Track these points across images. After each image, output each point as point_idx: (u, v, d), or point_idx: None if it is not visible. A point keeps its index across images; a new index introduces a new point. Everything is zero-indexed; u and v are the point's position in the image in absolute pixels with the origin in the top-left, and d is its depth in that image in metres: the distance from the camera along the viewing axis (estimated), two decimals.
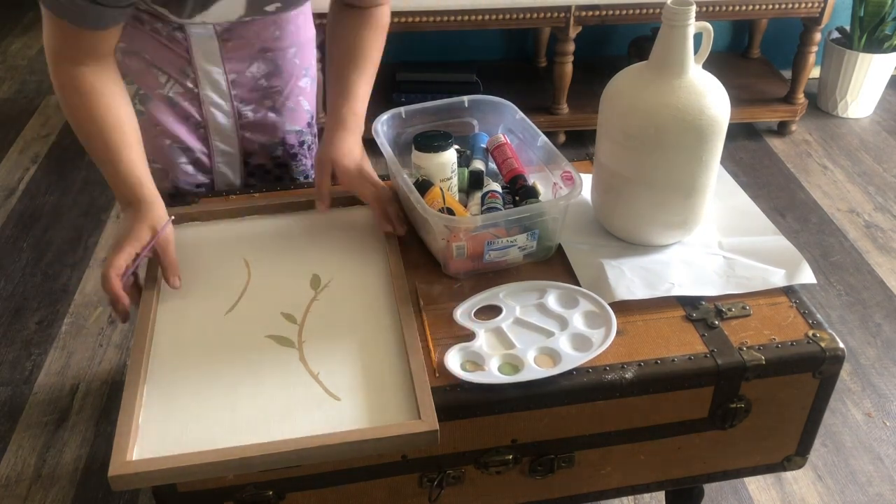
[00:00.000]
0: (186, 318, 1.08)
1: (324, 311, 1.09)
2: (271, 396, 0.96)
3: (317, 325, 1.06)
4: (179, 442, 0.90)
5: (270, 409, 0.94)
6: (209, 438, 0.91)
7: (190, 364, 1.01)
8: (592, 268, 1.15)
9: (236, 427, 0.92)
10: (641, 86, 1.09)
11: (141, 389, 0.96)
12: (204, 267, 1.16)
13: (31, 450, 1.74)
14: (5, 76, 3.39)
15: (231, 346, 1.03)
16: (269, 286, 1.13)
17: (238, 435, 0.91)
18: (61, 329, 2.05)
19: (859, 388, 1.90)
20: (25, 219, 2.49)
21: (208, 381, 0.98)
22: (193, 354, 1.02)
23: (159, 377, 0.99)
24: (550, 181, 1.24)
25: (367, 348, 1.03)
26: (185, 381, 0.98)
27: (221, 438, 0.90)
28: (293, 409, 0.94)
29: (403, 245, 1.22)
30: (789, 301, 1.11)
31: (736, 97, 1.59)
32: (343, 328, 1.06)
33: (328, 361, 1.01)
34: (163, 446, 0.90)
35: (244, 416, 0.93)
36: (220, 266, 1.17)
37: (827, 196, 2.60)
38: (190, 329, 1.06)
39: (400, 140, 1.33)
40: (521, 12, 2.45)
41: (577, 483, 1.11)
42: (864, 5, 2.80)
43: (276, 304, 1.09)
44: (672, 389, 1.02)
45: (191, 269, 1.15)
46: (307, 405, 0.95)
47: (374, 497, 1.05)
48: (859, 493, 1.65)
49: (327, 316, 1.08)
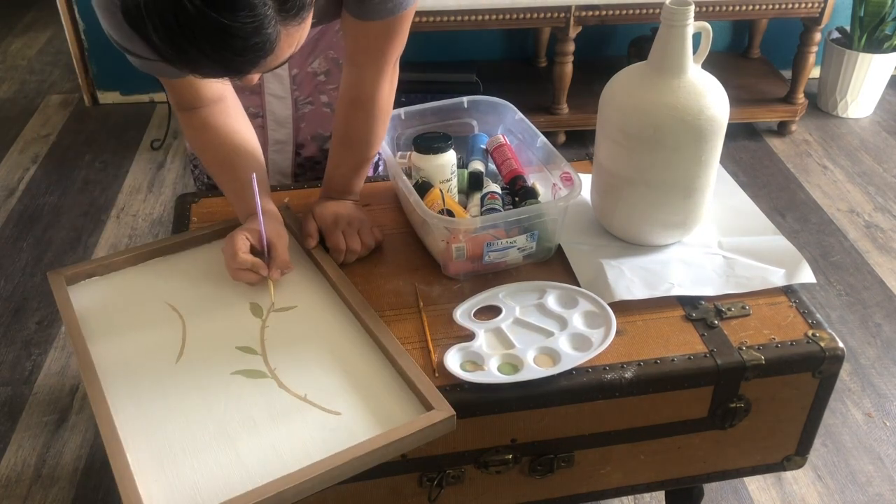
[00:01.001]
0: (137, 377, 1.00)
1: (280, 335, 1.05)
2: (269, 429, 0.93)
3: (280, 350, 1.03)
4: (197, 501, 0.85)
5: (275, 442, 0.91)
6: (226, 488, 0.86)
7: (165, 420, 0.94)
8: (592, 268, 1.15)
9: (248, 470, 0.88)
10: (641, 86, 1.09)
11: (127, 460, 0.88)
12: (127, 320, 1.08)
13: (31, 450, 1.74)
14: (5, 76, 3.39)
15: (200, 392, 0.97)
16: (208, 326, 1.07)
17: (254, 478, 0.86)
18: (61, 329, 2.05)
19: (859, 388, 1.90)
20: (25, 219, 2.49)
21: (194, 433, 0.92)
22: (162, 410, 0.95)
23: (140, 443, 0.91)
24: (550, 182, 1.24)
25: (342, 361, 1.01)
26: (168, 439, 0.92)
27: (239, 485, 0.85)
28: (297, 435, 0.92)
29: (403, 246, 1.22)
30: (789, 301, 1.11)
31: (736, 97, 1.59)
32: (309, 347, 1.03)
33: (310, 382, 0.98)
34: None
35: (251, 457, 0.89)
36: (145, 316, 1.09)
37: (827, 196, 2.60)
38: (145, 387, 0.98)
39: (399, 141, 1.33)
40: (521, 12, 2.45)
41: (577, 483, 1.11)
42: (864, 5, 2.80)
43: (226, 341, 1.04)
44: (672, 389, 1.02)
45: (114, 326, 1.07)
46: (310, 428, 0.93)
47: (374, 497, 1.05)
48: (859, 493, 1.65)
49: (286, 339, 1.04)
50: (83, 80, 3.09)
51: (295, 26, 0.82)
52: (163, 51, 0.77)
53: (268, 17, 0.76)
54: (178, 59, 0.78)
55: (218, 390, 0.98)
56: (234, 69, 0.80)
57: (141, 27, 0.75)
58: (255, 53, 0.78)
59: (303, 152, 1.44)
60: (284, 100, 1.38)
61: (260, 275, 1.08)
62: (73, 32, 2.99)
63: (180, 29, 0.73)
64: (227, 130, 1.16)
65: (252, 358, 1.02)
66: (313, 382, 0.99)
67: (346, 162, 1.22)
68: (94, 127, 3.01)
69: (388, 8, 1.05)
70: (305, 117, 1.41)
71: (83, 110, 3.12)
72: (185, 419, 0.94)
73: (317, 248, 1.17)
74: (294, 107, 1.39)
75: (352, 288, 1.10)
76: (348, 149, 1.21)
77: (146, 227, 2.46)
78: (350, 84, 1.17)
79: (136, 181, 2.68)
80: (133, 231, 2.44)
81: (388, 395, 0.96)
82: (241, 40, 0.76)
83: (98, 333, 1.06)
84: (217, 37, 0.75)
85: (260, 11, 0.75)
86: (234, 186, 1.16)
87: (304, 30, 0.85)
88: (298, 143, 1.43)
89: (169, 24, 0.73)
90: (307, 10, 0.82)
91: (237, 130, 1.17)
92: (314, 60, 1.35)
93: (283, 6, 0.78)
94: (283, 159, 1.44)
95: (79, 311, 1.08)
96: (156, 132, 2.95)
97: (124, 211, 2.54)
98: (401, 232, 1.25)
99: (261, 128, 1.39)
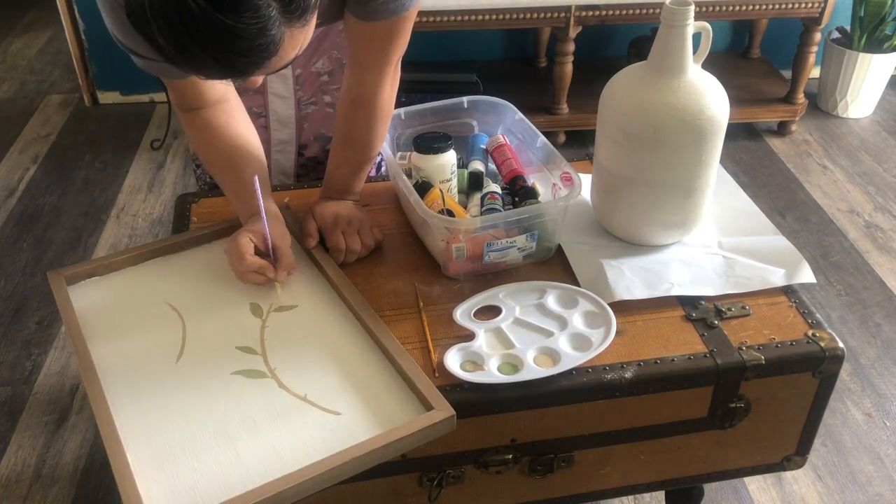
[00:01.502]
0: (137, 377, 1.00)
1: (280, 336, 1.05)
2: (269, 429, 0.93)
3: (280, 350, 1.03)
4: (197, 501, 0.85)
5: (275, 442, 0.91)
6: (226, 488, 0.86)
7: (165, 420, 0.94)
8: (592, 268, 1.15)
9: (248, 470, 0.88)
10: (641, 86, 1.09)
11: (127, 460, 0.88)
12: (127, 321, 1.08)
13: (31, 450, 1.74)
14: (5, 76, 3.39)
15: (200, 392, 0.97)
16: (208, 326, 1.07)
17: (254, 478, 0.86)
18: (61, 329, 2.05)
19: (859, 388, 1.90)
20: (25, 219, 2.49)
21: (194, 433, 0.92)
22: (162, 410, 0.95)
23: (140, 443, 0.91)
24: (550, 182, 1.24)
25: (342, 361, 1.01)
26: (168, 439, 0.92)
27: (239, 485, 0.85)
28: (297, 435, 0.92)
29: (403, 246, 1.22)
30: (789, 301, 1.11)
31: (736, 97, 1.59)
32: (309, 348, 1.03)
33: (310, 382, 0.98)
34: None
35: (251, 457, 0.89)
36: (145, 316, 1.08)
37: (827, 196, 2.60)
38: (145, 387, 0.98)
39: (399, 141, 1.34)
40: (521, 12, 2.45)
41: (577, 483, 1.11)
42: (864, 5, 2.80)
43: (226, 341, 1.04)
44: (672, 389, 1.02)
45: (114, 326, 1.07)
46: (310, 428, 0.93)
47: (374, 497, 1.05)
48: (859, 493, 1.65)
49: (286, 340, 1.05)
50: (83, 80, 3.09)
51: (299, 28, 0.82)
52: (167, 52, 0.76)
53: (272, 18, 0.76)
54: (183, 61, 0.78)
55: (218, 390, 0.98)
56: (238, 70, 0.80)
57: (146, 28, 0.75)
58: (260, 55, 0.78)
59: (305, 152, 1.44)
60: (287, 100, 1.38)
61: (266, 276, 1.08)
62: (73, 32, 2.99)
63: (185, 29, 0.73)
64: (229, 132, 1.16)
65: (252, 358, 1.02)
66: (313, 382, 0.99)
67: (346, 162, 1.22)
68: (94, 127, 3.01)
69: (391, 8, 1.05)
70: (308, 117, 1.41)
71: (83, 110, 3.12)
72: (184, 419, 0.94)
73: (317, 247, 1.17)
74: (297, 107, 1.39)
75: (352, 288, 1.10)
76: (349, 149, 1.21)
77: (146, 227, 2.46)
78: (352, 84, 1.17)
79: (136, 181, 2.68)
80: (133, 231, 2.44)
81: (388, 395, 0.96)
82: (246, 41, 0.76)
83: (98, 334, 1.06)
84: (221, 38, 0.74)
85: (264, 13, 0.75)
86: (236, 187, 1.16)
87: (309, 32, 0.85)
88: (301, 143, 1.43)
89: (173, 25, 0.73)
90: (311, 12, 0.82)
91: (239, 132, 1.17)
92: (318, 60, 1.35)
93: (288, 8, 0.78)
94: (285, 159, 1.44)
95: (79, 311, 1.08)
96: (156, 132, 2.95)
97: (124, 211, 2.54)
98: (401, 232, 1.25)
99: (264, 127, 1.39)
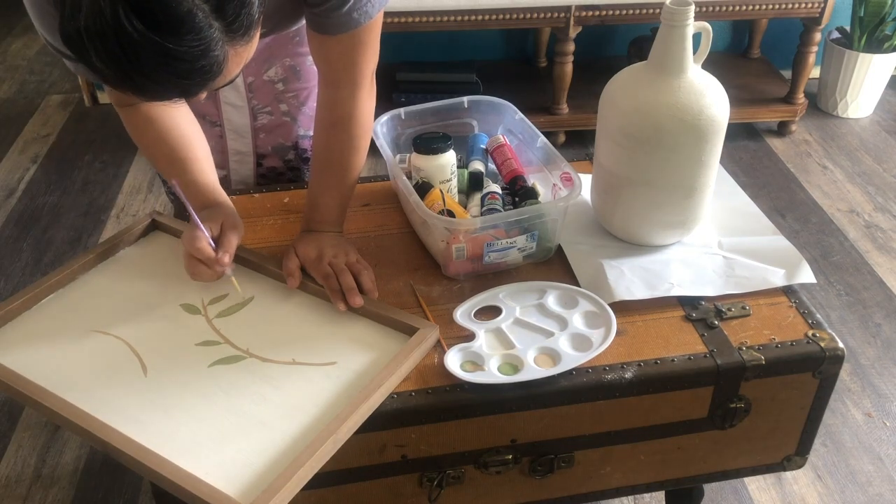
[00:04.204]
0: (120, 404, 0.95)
1: (244, 325, 1.06)
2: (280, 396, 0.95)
3: (245, 333, 1.04)
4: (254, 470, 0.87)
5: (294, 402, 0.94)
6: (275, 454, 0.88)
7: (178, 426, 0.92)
8: (592, 268, 1.15)
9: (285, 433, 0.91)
10: (641, 86, 1.09)
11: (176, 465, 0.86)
12: (67, 363, 1.00)
13: (31, 450, 1.74)
14: (5, 76, 3.39)
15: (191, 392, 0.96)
16: (152, 337, 1.04)
17: (294, 435, 0.90)
18: None
19: (859, 388, 1.90)
20: (25, 219, 2.49)
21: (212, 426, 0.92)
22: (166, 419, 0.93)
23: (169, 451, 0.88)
24: (550, 182, 1.24)
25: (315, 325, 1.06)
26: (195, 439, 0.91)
27: (283, 444, 0.89)
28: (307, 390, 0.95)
29: (403, 246, 1.22)
30: (789, 301, 1.11)
31: (736, 97, 1.59)
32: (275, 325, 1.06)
33: (291, 349, 1.01)
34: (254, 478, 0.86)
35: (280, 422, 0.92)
36: (82, 348, 1.03)
37: (827, 196, 2.60)
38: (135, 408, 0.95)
39: (399, 141, 1.33)
40: (521, 12, 2.45)
41: (577, 483, 1.11)
42: (864, 5, 2.80)
43: (180, 343, 1.03)
44: (672, 389, 1.02)
45: (59, 370, 0.99)
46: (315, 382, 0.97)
47: (374, 497, 1.05)
48: (859, 493, 1.65)
49: (252, 325, 1.06)
50: (83, 80, 3.09)
51: (243, 45, 0.79)
52: (107, 75, 0.74)
53: (214, 39, 0.73)
54: (123, 84, 0.75)
55: (208, 384, 0.98)
56: (181, 92, 0.78)
57: (83, 52, 0.72)
58: (202, 76, 0.75)
59: (264, 163, 1.42)
60: (241, 108, 1.35)
61: (215, 270, 1.06)
62: None
63: (123, 54, 0.70)
64: (170, 124, 1.12)
65: (219, 347, 1.03)
66: (295, 348, 1.02)
67: (328, 189, 1.15)
68: (94, 127, 3.01)
69: (354, 19, 1.00)
70: (265, 128, 1.38)
71: (83, 110, 3.12)
72: (194, 419, 0.94)
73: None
74: (252, 115, 1.36)
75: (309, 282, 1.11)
76: (330, 175, 1.15)
77: None
78: (326, 104, 1.12)
79: (136, 181, 2.68)
80: None
81: (373, 335, 1.02)
82: (188, 64, 0.73)
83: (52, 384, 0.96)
84: (162, 62, 0.71)
85: (206, 34, 0.72)
86: (185, 179, 1.12)
87: (253, 46, 0.82)
88: (259, 153, 1.41)
89: (111, 50, 0.70)
90: (255, 28, 0.79)
91: (180, 123, 1.13)
92: (269, 68, 1.32)
93: (231, 27, 0.75)
94: (244, 170, 1.42)
95: (12, 365, 0.99)
96: None
97: (124, 211, 2.54)
98: (401, 232, 1.25)
99: (220, 137, 1.38)
